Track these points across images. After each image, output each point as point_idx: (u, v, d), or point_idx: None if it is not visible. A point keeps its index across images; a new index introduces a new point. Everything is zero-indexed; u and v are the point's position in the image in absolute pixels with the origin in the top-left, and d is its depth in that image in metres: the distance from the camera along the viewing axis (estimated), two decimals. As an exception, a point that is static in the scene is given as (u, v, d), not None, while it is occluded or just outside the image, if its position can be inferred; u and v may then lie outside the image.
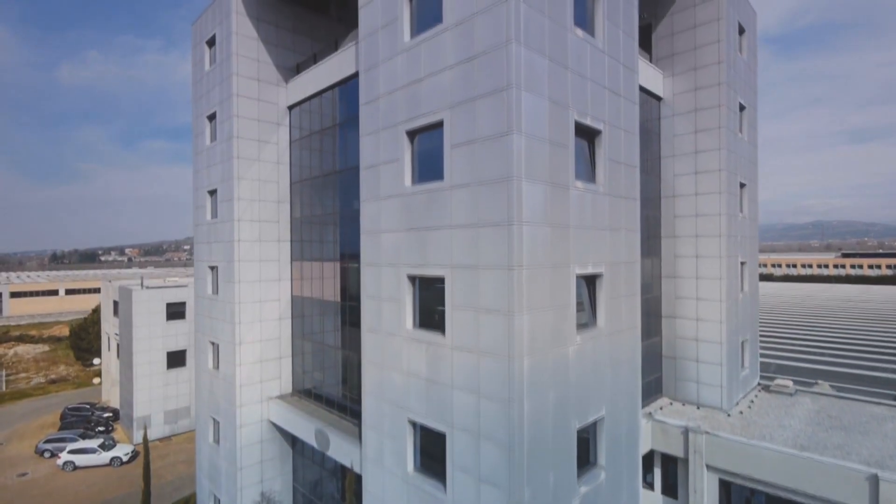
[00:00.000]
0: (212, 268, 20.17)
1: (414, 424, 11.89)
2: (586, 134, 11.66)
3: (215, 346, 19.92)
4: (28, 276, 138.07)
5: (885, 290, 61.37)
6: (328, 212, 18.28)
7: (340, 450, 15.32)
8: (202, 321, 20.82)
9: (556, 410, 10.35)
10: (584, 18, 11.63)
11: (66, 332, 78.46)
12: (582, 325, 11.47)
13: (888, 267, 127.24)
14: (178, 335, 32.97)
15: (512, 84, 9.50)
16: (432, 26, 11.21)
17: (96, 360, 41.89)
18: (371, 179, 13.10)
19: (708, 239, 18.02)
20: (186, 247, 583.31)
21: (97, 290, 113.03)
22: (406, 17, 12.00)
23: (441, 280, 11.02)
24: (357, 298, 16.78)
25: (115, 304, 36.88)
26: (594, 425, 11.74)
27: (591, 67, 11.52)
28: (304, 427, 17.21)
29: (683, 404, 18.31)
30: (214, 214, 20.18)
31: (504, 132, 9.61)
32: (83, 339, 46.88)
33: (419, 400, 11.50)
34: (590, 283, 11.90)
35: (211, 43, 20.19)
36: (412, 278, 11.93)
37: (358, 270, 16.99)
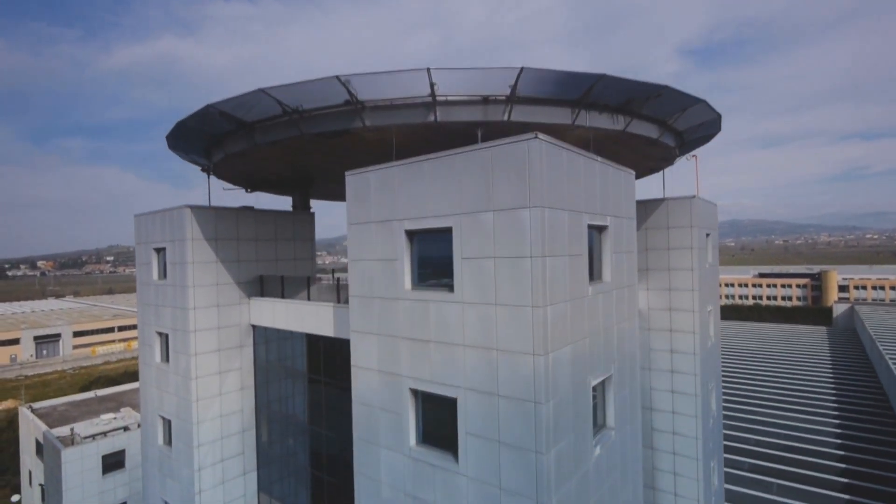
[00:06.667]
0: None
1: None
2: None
3: None
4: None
5: (806, 338, 67.23)
6: (301, 455, 16.96)
7: None
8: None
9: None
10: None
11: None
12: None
13: (798, 286, 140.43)
14: (116, 488, 29.82)
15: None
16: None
17: (15, 497, 37.17)
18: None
19: (684, 437, 18.42)
20: (109, 258, 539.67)
21: (12, 343, 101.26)
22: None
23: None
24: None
25: (38, 443, 32.85)
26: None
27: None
28: None
29: None
30: (167, 441, 18.18)
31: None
32: (-4, 460, 41.48)
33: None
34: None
35: (160, 250, 18.15)
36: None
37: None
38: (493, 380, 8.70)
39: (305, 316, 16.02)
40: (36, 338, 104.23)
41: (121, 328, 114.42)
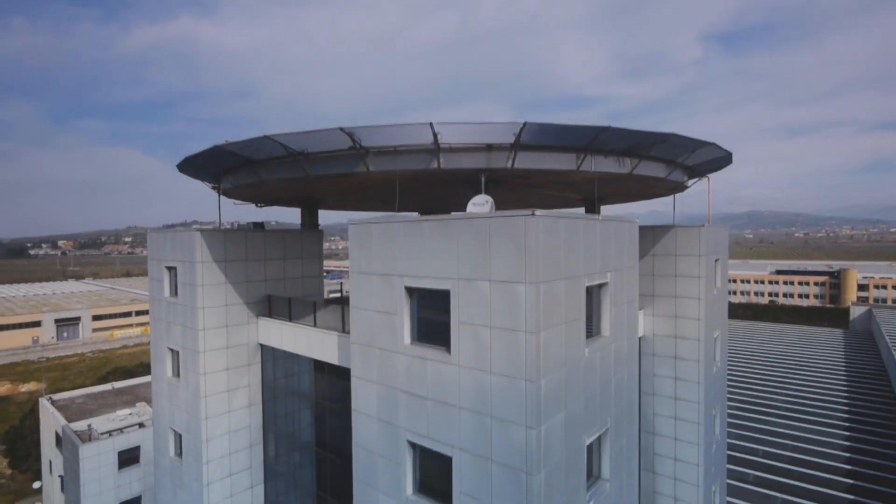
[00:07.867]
0: (177, 513, 18.82)
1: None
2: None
3: None
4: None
5: (821, 341, 65.94)
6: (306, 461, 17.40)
7: None
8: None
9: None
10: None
11: (-4, 387, 72.45)
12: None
13: (815, 284, 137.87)
14: (131, 482, 30.92)
15: None
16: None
17: (36, 484, 38.79)
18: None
19: (686, 464, 18.45)
20: (127, 238, 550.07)
21: (34, 325, 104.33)
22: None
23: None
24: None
25: (58, 436, 34.08)
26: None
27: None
28: None
29: None
30: (178, 453, 18.77)
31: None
32: (19, 448, 43.15)
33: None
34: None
35: (171, 268, 18.51)
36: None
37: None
38: (487, 444, 8.85)
39: (311, 341, 16.29)
40: (57, 320, 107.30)
41: (138, 313, 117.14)
